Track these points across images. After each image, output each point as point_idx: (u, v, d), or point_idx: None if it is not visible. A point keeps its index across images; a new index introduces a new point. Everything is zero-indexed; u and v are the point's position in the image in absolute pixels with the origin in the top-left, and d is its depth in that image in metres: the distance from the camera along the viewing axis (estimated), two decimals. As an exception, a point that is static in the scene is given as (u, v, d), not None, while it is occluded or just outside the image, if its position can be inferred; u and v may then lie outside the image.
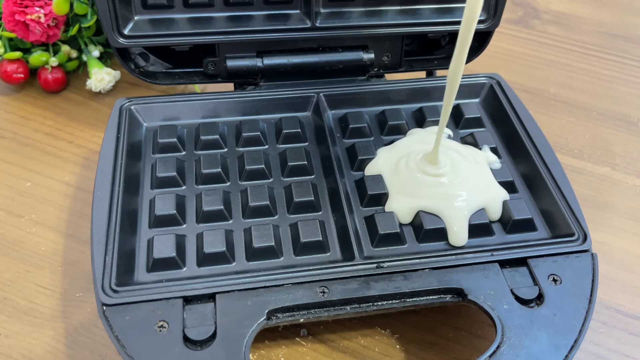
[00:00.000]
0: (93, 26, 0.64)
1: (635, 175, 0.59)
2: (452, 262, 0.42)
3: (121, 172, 0.47)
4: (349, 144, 0.52)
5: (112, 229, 0.43)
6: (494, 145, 0.52)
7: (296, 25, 0.54)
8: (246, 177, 0.49)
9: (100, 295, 0.39)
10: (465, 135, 0.54)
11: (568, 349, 0.38)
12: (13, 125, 0.62)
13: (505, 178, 0.49)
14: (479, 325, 0.46)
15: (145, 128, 0.53)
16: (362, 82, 0.57)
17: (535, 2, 0.83)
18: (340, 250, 0.45)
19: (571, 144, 0.62)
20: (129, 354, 0.37)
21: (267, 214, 0.47)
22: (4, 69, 0.64)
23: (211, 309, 0.39)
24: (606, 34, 0.78)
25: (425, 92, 0.56)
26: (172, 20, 0.53)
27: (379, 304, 0.41)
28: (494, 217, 0.46)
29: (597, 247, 0.45)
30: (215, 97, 0.54)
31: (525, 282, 0.42)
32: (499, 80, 0.57)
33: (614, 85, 0.70)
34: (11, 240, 0.51)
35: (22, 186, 0.56)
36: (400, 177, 0.47)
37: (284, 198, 0.48)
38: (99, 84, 0.64)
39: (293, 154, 0.50)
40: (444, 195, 0.46)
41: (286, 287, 0.40)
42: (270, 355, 0.44)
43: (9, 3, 0.60)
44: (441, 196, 0.46)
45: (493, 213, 0.46)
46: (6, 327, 0.45)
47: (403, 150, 0.50)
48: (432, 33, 0.57)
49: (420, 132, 0.53)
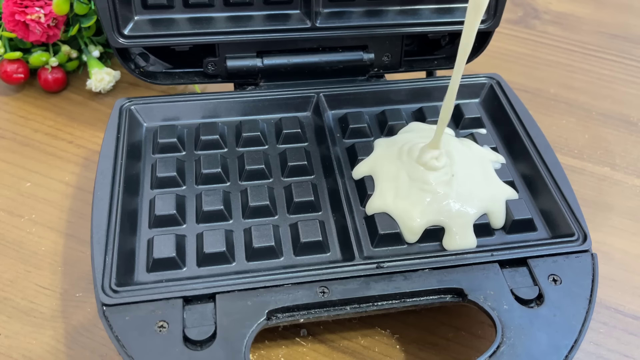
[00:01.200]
0: (93, 26, 0.64)
1: (635, 175, 0.59)
2: (452, 262, 0.42)
3: (121, 172, 0.47)
4: (349, 144, 0.52)
5: (112, 229, 0.43)
6: (494, 145, 0.52)
7: (296, 25, 0.54)
8: (246, 177, 0.49)
9: (100, 295, 0.39)
10: (465, 135, 0.53)
11: (568, 349, 0.38)
12: (13, 125, 0.62)
13: (506, 178, 0.49)
14: (479, 325, 0.46)
15: (145, 128, 0.53)
16: (362, 82, 0.57)
17: (535, 2, 0.83)
18: (340, 251, 0.45)
19: (571, 144, 0.62)
20: (129, 354, 0.37)
21: (267, 214, 0.47)
22: (4, 69, 0.64)
23: (211, 309, 0.39)
24: (606, 34, 0.78)
25: (425, 92, 0.56)
26: (172, 20, 0.53)
27: (379, 304, 0.41)
28: (497, 224, 0.46)
29: (597, 247, 0.44)
30: (215, 97, 0.54)
31: (525, 282, 0.41)
32: (499, 80, 0.57)
33: (614, 85, 0.70)
34: (11, 240, 0.51)
35: (22, 186, 0.56)
36: (401, 189, 0.46)
37: (284, 198, 0.48)
38: (99, 84, 0.64)
39: (293, 154, 0.50)
40: (447, 210, 0.45)
41: (286, 287, 0.40)
42: (270, 355, 0.44)
43: (9, 3, 0.60)
44: (443, 211, 0.45)
45: (496, 219, 0.46)
46: (6, 327, 0.45)
47: (401, 148, 0.49)
48: (432, 33, 0.57)
49: (419, 127, 0.52)
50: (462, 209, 0.45)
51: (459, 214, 0.44)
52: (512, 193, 0.47)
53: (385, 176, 0.47)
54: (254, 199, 0.47)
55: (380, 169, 0.48)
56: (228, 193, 0.48)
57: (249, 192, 0.47)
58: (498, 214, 0.46)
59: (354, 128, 0.53)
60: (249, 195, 0.47)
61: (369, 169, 0.48)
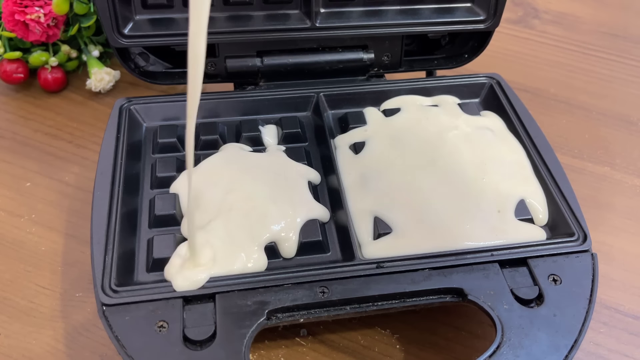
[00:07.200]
0: (93, 26, 0.64)
1: (635, 175, 0.59)
2: (452, 262, 0.42)
3: (121, 172, 0.47)
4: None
5: (112, 229, 0.43)
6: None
7: (296, 25, 0.54)
8: (246, 177, 0.49)
9: (100, 295, 0.39)
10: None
11: (568, 349, 0.38)
12: (13, 125, 0.62)
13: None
14: (479, 325, 0.46)
15: (145, 128, 0.53)
16: (362, 82, 0.57)
17: (535, 2, 0.83)
18: (340, 250, 0.45)
19: (571, 144, 0.62)
20: (129, 354, 0.37)
21: (267, 214, 0.47)
22: (4, 69, 0.63)
23: (211, 309, 0.39)
24: (606, 34, 0.78)
25: (425, 92, 0.56)
26: (172, 20, 0.53)
27: (379, 304, 0.41)
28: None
29: (597, 247, 0.44)
30: (215, 97, 0.54)
31: (525, 282, 0.41)
32: (499, 80, 0.57)
33: (614, 85, 0.70)
34: (11, 240, 0.51)
35: (22, 186, 0.55)
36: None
37: (284, 198, 0.48)
38: (99, 84, 0.64)
39: (293, 154, 0.50)
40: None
41: (286, 287, 0.40)
42: (270, 355, 0.44)
43: (8, 3, 0.60)
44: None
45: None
46: (6, 327, 0.45)
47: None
48: (432, 33, 0.57)
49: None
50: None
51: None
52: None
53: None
54: (254, 198, 0.47)
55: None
56: (228, 193, 0.48)
57: (249, 192, 0.47)
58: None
59: (354, 128, 0.53)
60: (249, 195, 0.47)
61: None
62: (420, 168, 0.48)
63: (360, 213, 0.46)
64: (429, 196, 0.46)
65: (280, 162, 0.49)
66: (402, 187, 0.47)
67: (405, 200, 0.46)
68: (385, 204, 0.46)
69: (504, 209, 0.46)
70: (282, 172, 0.48)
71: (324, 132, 0.52)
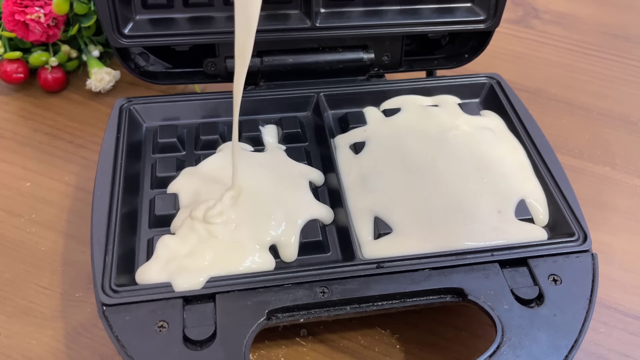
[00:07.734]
0: (93, 26, 0.64)
1: (635, 175, 0.59)
2: (452, 262, 0.42)
3: (121, 172, 0.47)
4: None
5: (112, 229, 0.43)
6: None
7: (296, 25, 0.54)
8: (246, 177, 0.49)
9: (100, 295, 0.39)
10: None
11: (568, 349, 0.38)
12: (13, 125, 0.62)
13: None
14: (479, 325, 0.46)
15: (145, 128, 0.53)
16: (362, 82, 0.57)
17: (535, 2, 0.83)
18: (341, 250, 0.45)
19: (571, 144, 0.62)
20: (129, 354, 0.37)
21: (267, 214, 0.47)
22: (4, 69, 0.63)
23: (211, 309, 0.39)
24: (606, 34, 0.78)
25: (425, 92, 0.56)
26: (172, 20, 0.53)
27: (379, 304, 0.41)
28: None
29: (597, 247, 0.44)
30: (215, 97, 0.54)
31: (525, 282, 0.41)
32: (499, 80, 0.57)
33: (614, 85, 0.70)
34: (11, 240, 0.51)
35: (22, 186, 0.55)
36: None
37: (284, 198, 0.48)
38: (99, 84, 0.64)
39: (293, 154, 0.50)
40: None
41: (286, 287, 0.40)
42: (270, 355, 0.44)
43: (9, 3, 0.60)
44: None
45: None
46: (6, 327, 0.45)
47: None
48: (432, 33, 0.57)
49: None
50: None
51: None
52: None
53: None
54: (254, 198, 0.47)
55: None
56: (228, 193, 0.48)
57: (249, 192, 0.47)
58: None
59: (354, 128, 0.53)
60: (249, 195, 0.47)
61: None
62: (421, 168, 0.48)
63: (360, 213, 0.46)
64: (429, 196, 0.46)
65: (281, 162, 0.49)
66: (402, 187, 0.47)
67: (406, 200, 0.46)
68: (385, 204, 0.46)
69: (504, 209, 0.46)
70: (285, 172, 0.48)
71: (324, 132, 0.52)
